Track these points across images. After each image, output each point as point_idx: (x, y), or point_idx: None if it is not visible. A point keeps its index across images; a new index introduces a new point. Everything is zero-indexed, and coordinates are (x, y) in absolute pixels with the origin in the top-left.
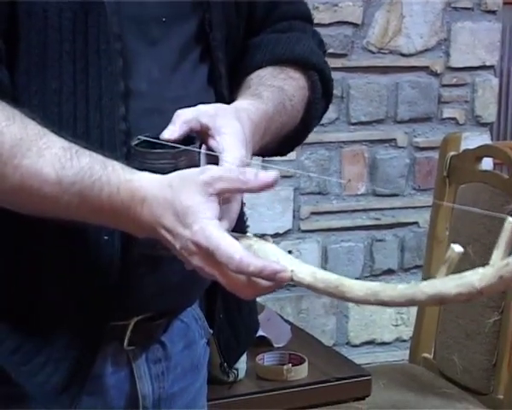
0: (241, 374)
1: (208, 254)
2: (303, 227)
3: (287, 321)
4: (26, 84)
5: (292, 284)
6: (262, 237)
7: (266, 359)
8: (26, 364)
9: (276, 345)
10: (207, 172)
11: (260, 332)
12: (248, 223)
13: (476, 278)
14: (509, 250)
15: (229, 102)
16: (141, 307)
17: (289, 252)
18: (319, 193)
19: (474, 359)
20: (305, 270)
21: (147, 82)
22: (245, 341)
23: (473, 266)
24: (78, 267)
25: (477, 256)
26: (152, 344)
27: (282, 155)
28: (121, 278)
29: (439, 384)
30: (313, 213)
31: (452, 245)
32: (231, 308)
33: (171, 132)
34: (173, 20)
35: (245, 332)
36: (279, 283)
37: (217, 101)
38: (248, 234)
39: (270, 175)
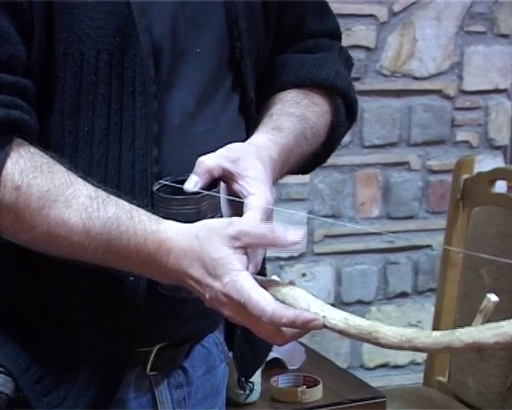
0: (256, 396)
1: (239, 305)
2: (316, 250)
3: (301, 343)
4: (60, 124)
5: None
6: (290, 282)
7: (281, 381)
8: (47, 395)
9: (290, 367)
10: (235, 225)
11: (275, 354)
12: None
13: None
14: None
15: (255, 125)
16: (164, 336)
17: (303, 275)
18: (333, 216)
19: (488, 382)
20: (337, 316)
21: (179, 116)
22: (260, 354)
23: (487, 289)
24: (103, 306)
25: (491, 279)
26: (174, 369)
27: (303, 173)
28: (146, 314)
29: (453, 407)
30: (327, 236)
31: (488, 295)
32: None
33: (194, 184)
34: (207, 51)
35: (261, 347)
36: (311, 329)
37: (247, 128)
38: (275, 277)
39: (298, 235)
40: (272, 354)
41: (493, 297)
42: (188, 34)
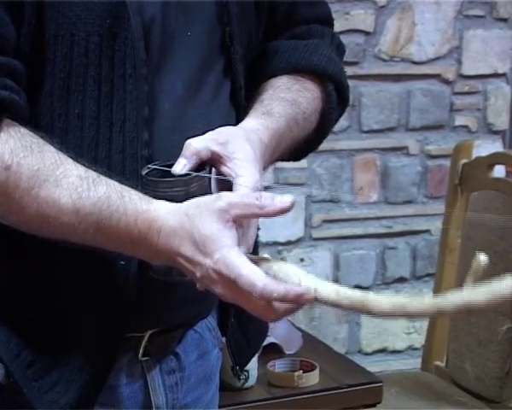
0: (253, 381)
1: (230, 282)
2: (315, 235)
3: (298, 328)
4: (50, 107)
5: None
6: (281, 259)
7: (277, 365)
8: (38, 380)
9: (287, 352)
10: (223, 198)
11: (271, 339)
12: (260, 232)
13: (504, 285)
14: None
15: (247, 111)
16: (156, 321)
17: (301, 260)
18: (331, 201)
19: (486, 367)
20: (328, 288)
21: (170, 101)
22: (255, 343)
23: (485, 273)
24: (95, 290)
25: (490, 264)
26: (166, 355)
27: (295, 160)
28: (137, 298)
29: (451, 392)
30: (325, 221)
31: (478, 255)
32: (242, 311)
33: (182, 166)
34: (198, 35)
35: (255, 334)
36: (303, 304)
37: (237, 114)
38: (266, 255)
39: (286, 200)
40: (269, 339)
41: (483, 258)
42: (178, 17)
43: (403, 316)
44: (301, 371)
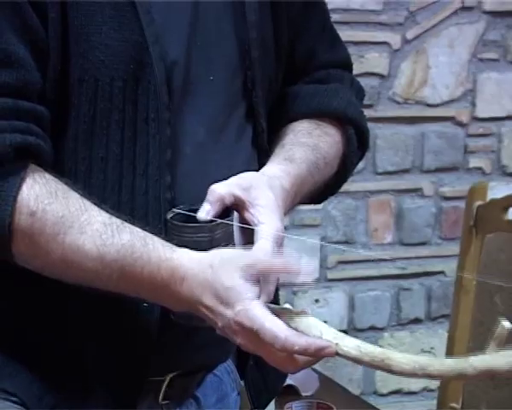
0: None
1: (252, 333)
2: (330, 276)
3: (314, 370)
4: (74, 150)
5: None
6: (302, 310)
7: (294, 407)
8: None
9: (303, 393)
10: (247, 259)
11: (288, 380)
12: None
13: None
14: None
15: (268, 155)
16: (177, 365)
17: (316, 301)
18: (346, 242)
19: None
20: (350, 343)
21: (192, 144)
22: (274, 386)
23: (500, 316)
24: (117, 333)
25: (505, 305)
26: (186, 398)
27: (315, 204)
28: (158, 341)
29: None
30: (340, 262)
31: (502, 322)
32: None
33: (207, 212)
34: (220, 79)
35: (274, 377)
36: (324, 357)
37: (259, 158)
38: (287, 305)
39: (309, 270)
40: (286, 381)
41: (507, 324)
42: (200, 61)
43: (423, 377)
44: None
